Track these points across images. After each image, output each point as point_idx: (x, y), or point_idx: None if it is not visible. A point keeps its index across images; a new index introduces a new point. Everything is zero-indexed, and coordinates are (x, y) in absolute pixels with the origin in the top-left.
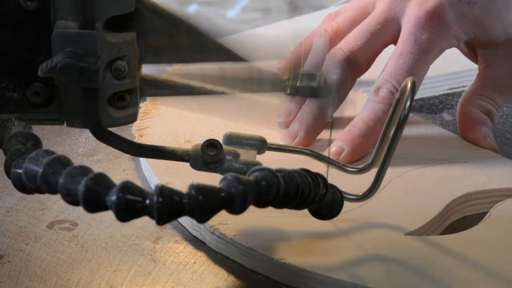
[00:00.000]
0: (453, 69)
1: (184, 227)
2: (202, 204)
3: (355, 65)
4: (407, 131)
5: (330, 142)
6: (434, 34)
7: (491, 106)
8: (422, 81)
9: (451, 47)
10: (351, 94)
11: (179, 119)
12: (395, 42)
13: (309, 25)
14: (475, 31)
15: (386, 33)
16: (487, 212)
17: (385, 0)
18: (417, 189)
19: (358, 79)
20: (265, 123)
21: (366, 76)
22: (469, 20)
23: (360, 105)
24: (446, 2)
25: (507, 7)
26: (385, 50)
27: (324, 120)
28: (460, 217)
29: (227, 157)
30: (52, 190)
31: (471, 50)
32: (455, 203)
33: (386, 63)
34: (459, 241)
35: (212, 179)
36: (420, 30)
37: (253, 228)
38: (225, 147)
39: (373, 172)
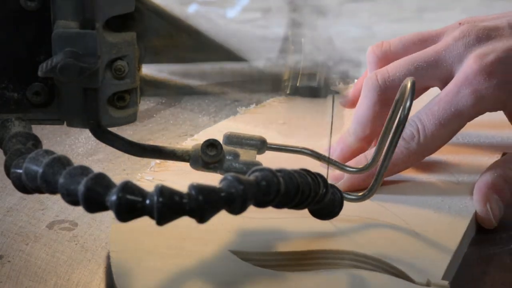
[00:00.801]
0: None
1: None
2: (202, 204)
3: (385, 98)
4: None
5: (329, 141)
6: (479, 91)
7: None
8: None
9: (496, 109)
10: None
11: None
12: (439, 86)
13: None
14: None
15: (433, 74)
16: None
17: (447, 40)
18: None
19: None
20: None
21: None
22: None
23: None
24: (505, 61)
25: None
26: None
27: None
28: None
29: (227, 157)
30: (52, 190)
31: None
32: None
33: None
34: None
35: (208, 178)
36: (467, 83)
37: None
38: (225, 147)
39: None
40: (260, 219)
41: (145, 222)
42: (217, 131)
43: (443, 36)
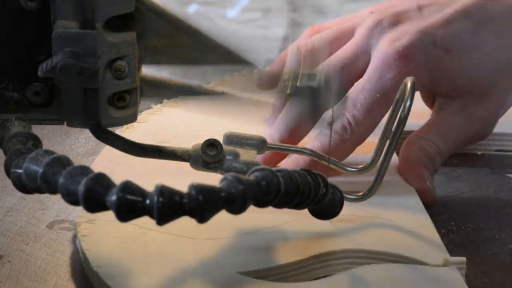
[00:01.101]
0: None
1: None
2: (202, 204)
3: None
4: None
5: (329, 141)
6: (400, 75)
7: (435, 153)
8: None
9: (416, 90)
10: None
11: None
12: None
13: None
14: (441, 79)
15: (357, 67)
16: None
17: (362, 32)
18: (286, 240)
19: None
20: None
21: None
22: (438, 67)
23: None
24: (419, 43)
25: (478, 63)
26: None
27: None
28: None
29: (227, 157)
30: (52, 190)
31: (430, 95)
32: (320, 259)
33: (347, 95)
34: None
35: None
36: (386, 68)
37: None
38: (225, 147)
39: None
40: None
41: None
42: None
43: (357, 28)
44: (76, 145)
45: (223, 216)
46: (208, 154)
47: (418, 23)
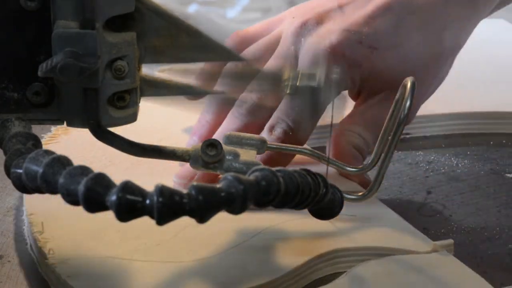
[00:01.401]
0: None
1: None
2: (202, 204)
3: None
4: None
5: (329, 141)
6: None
7: (363, 144)
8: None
9: (347, 89)
10: None
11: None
12: None
13: None
14: (369, 76)
15: None
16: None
17: (288, 39)
18: (289, 237)
19: None
20: None
21: None
22: (366, 65)
23: None
24: (347, 42)
25: (403, 58)
26: None
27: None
28: (331, 273)
29: (227, 157)
30: (52, 190)
31: (356, 89)
32: (324, 258)
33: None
34: None
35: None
36: (316, 67)
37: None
38: (225, 147)
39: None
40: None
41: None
42: None
43: (283, 34)
44: None
45: (203, 234)
46: (208, 154)
47: (341, 21)
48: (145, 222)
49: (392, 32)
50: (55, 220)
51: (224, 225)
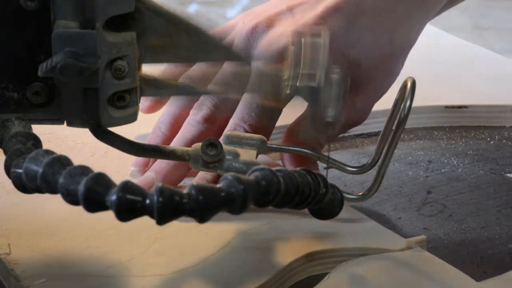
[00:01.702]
0: None
1: None
2: (202, 204)
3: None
4: None
5: (330, 142)
6: None
7: (317, 145)
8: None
9: None
10: None
11: None
12: None
13: None
14: None
15: None
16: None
17: (239, 44)
18: (262, 244)
19: None
20: None
21: None
22: None
23: None
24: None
25: (355, 59)
26: None
27: (183, 170)
28: (305, 277)
29: (227, 156)
30: (52, 190)
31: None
32: (299, 262)
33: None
34: None
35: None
36: None
37: None
38: (225, 147)
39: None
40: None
41: None
42: None
43: (235, 40)
44: None
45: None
46: (208, 154)
47: (291, 24)
48: (113, 237)
49: (343, 33)
50: (22, 240)
51: (195, 236)
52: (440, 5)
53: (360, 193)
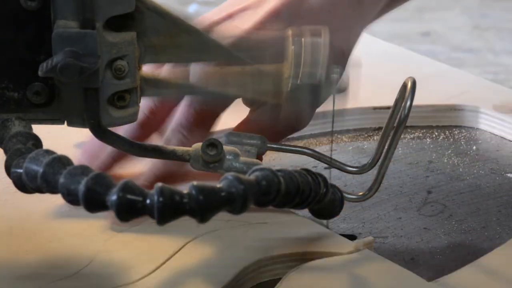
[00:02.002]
0: None
1: None
2: (202, 204)
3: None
4: None
5: (331, 141)
6: None
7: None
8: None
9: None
10: None
11: None
12: None
13: None
14: None
15: None
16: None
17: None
18: (210, 254)
19: None
20: None
21: None
22: None
23: None
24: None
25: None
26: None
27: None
28: (255, 284)
29: (227, 156)
30: (52, 189)
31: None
32: (249, 269)
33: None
34: None
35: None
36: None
37: None
38: (225, 147)
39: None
40: None
41: None
42: None
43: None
44: None
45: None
46: (208, 154)
47: (232, 32)
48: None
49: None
50: None
51: (139, 244)
52: (377, 6)
53: (360, 193)
